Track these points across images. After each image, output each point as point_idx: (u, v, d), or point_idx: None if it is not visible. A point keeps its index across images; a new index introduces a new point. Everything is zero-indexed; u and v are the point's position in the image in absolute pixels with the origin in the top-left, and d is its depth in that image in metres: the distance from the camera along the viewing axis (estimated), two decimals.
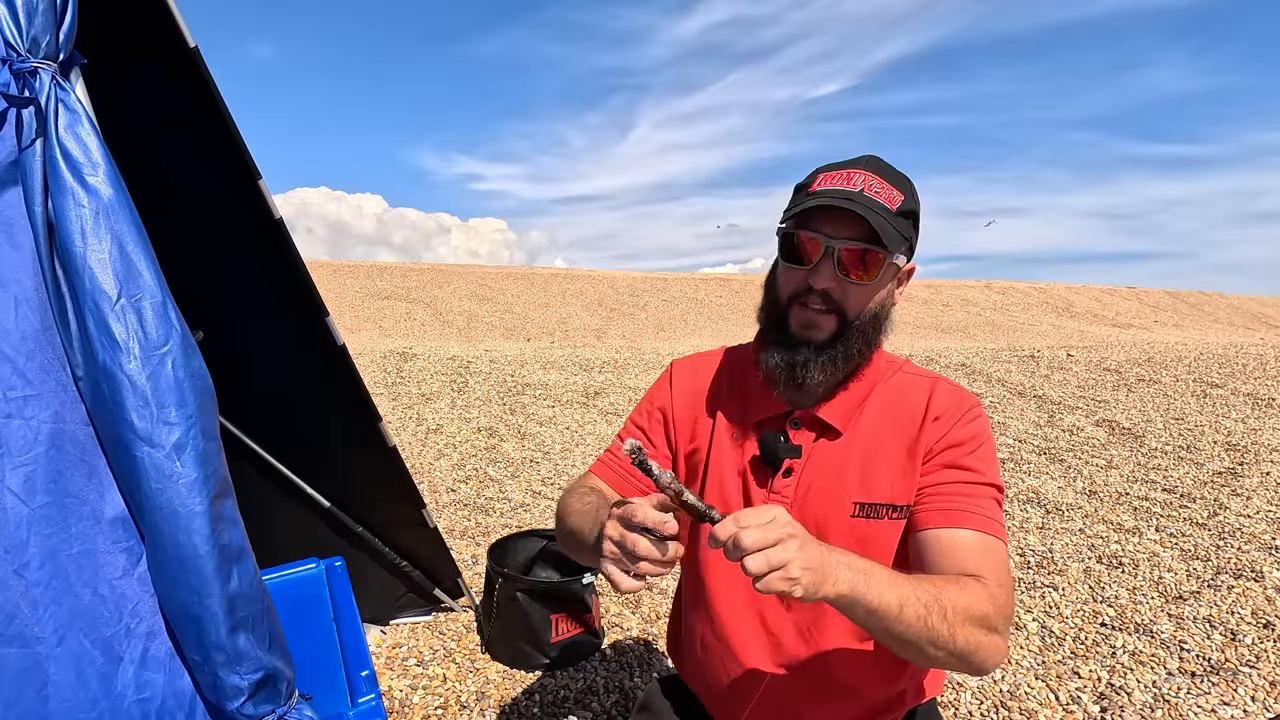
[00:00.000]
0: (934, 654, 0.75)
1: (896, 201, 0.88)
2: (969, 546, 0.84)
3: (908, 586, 0.74)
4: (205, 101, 1.30)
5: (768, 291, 0.98)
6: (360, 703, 1.19)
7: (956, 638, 0.74)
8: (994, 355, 8.57)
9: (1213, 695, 2.02)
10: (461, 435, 4.98)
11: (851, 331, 0.91)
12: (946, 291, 22.66)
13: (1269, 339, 12.78)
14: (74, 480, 0.82)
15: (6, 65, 0.78)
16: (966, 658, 0.76)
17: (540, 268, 21.99)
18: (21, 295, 0.80)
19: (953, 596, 0.76)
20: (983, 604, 0.77)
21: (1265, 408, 5.45)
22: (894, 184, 0.89)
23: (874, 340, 0.94)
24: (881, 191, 0.87)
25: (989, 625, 0.77)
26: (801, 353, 0.90)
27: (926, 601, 0.73)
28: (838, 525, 0.92)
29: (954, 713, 1.99)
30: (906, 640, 0.74)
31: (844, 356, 0.91)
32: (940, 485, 0.90)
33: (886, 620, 0.72)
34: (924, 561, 0.87)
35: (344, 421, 1.92)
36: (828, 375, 0.91)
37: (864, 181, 0.88)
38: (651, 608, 2.56)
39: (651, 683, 1.23)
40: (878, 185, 0.88)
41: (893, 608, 0.72)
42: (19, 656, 0.77)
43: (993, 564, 0.83)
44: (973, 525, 0.85)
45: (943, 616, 0.74)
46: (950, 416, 0.92)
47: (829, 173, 0.91)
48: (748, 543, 0.65)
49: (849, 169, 0.90)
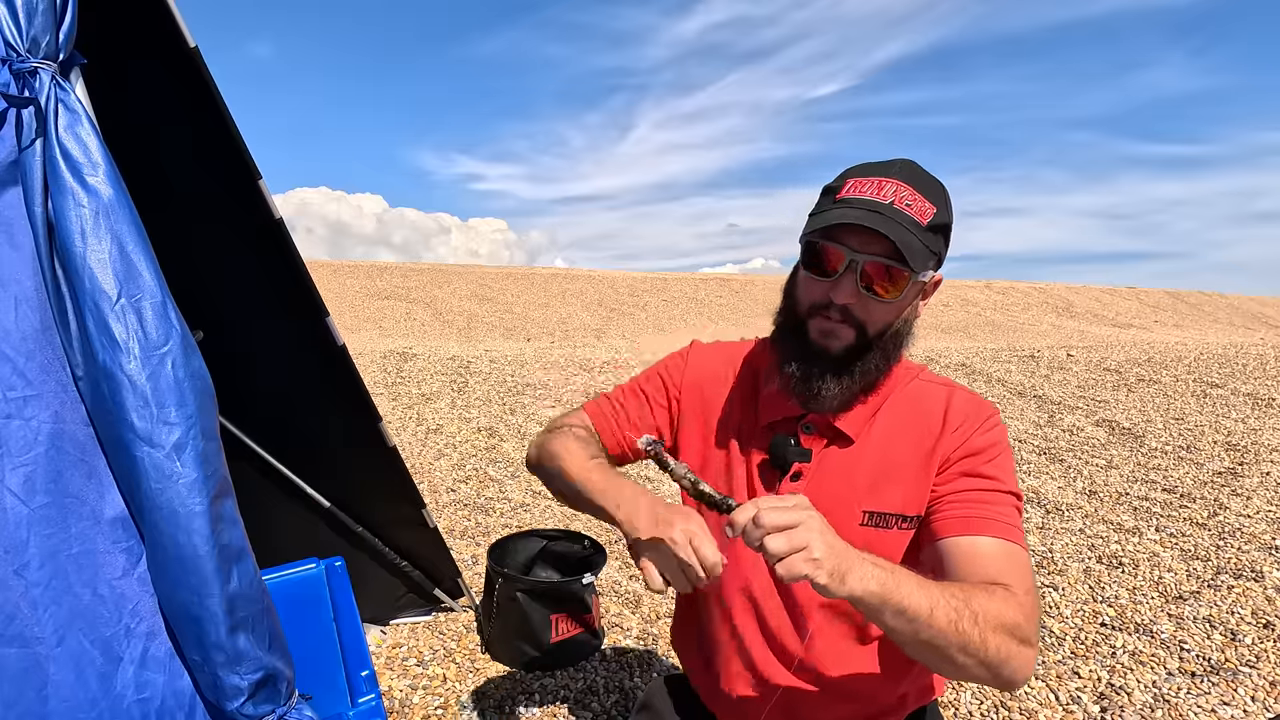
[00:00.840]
0: (964, 662, 0.72)
1: (928, 215, 0.83)
2: (991, 554, 0.82)
3: (936, 590, 0.71)
4: (205, 101, 1.29)
5: (787, 297, 0.95)
6: (360, 703, 1.18)
7: (988, 645, 0.71)
8: (994, 355, 8.57)
9: (1213, 695, 2.02)
10: (461, 435, 4.98)
11: (870, 348, 0.88)
12: (946, 291, 22.65)
13: (1269, 339, 12.78)
14: (74, 480, 0.82)
15: (6, 65, 0.78)
16: (997, 668, 0.73)
17: (540, 268, 21.99)
18: (21, 295, 0.80)
19: (982, 603, 0.73)
20: (1013, 612, 0.74)
21: (1265, 408, 5.45)
22: (926, 194, 0.84)
23: (893, 355, 0.91)
24: (913, 204, 0.82)
25: (1020, 635, 0.74)
26: (818, 364, 0.88)
27: (956, 606, 0.71)
28: (845, 533, 0.91)
29: (954, 713, 1.99)
30: (936, 645, 0.71)
31: (860, 372, 0.89)
32: (959, 493, 0.87)
33: (917, 623, 0.69)
34: (945, 570, 0.84)
35: (344, 421, 1.92)
36: (843, 389, 0.89)
37: (895, 192, 0.83)
38: (651, 608, 2.56)
39: (652, 682, 1.23)
40: (909, 196, 0.83)
41: (924, 610, 0.69)
42: (19, 656, 0.77)
43: (1018, 572, 0.80)
44: (994, 533, 0.83)
45: (974, 622, 0.71)
46: (969, 425, 0.90)
47: (860, 179, 0.86)
48: (768, 521, 0.65)
49: (881, 177, 0.84)
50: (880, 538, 0.91)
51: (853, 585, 0.67)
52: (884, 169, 0.86)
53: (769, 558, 0.65)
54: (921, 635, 0.70)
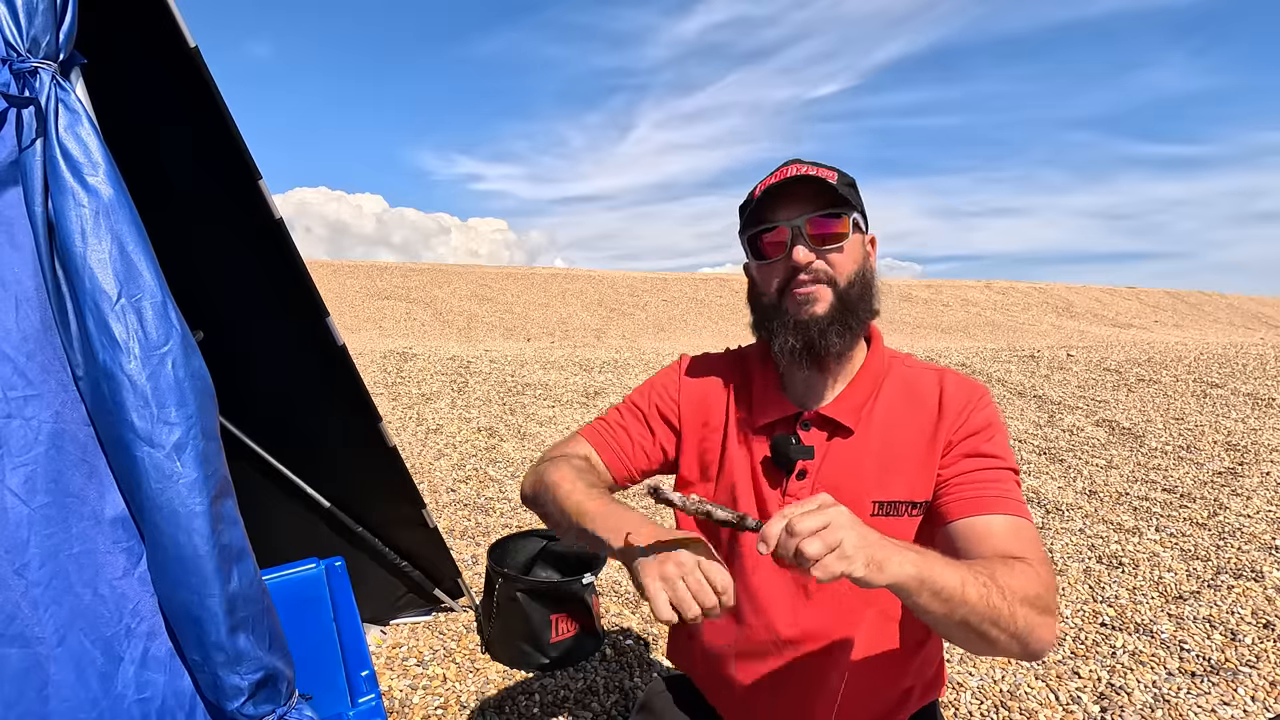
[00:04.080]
0: (996, 635, 0.73)
1: (831, 176, 0.92)
2: (1004, 531, 0.84)
3: (964, 569, 0.73)
4: (205, 101, 1.29)
5: (754, 301, 1.00)
6: (360, 703, 1.18)
7: (1017, 618, 0.73)
8: (994, 355, 8.57)
9: (1213, 695, 2.02)
10: (461, 435, 4.98)
11: (849, 297, 0.93)
12: (946, 291, 22.66)
13: (1269, 339, 12.78)
14: (74, 480, 0.82)
15: (6, 65, 0.78)
16: (1024, 639, 0.75)
17: (540, 268, 21.99)
18: (22, 295, 0.80)
19: (1005, 577, 0.75)
20: (1034, 584, 0.76)
21: (1265, 408, 5.45)
22: (825, 166, 0.94)
23: (872, 302, 0.96)
24: (816, 171, 0.92)
25: (1042, 605, 0.76)
26: (813, 327, 0.92)
27: (984, 581, 0.72)
28: None
29: (954, 713, 1.99)
30: (970, 623, 0.72)
31: (853, 318, 0.93)
32: (964, 475, 0.90)
33: (952, 602, 0.70)
34: (958, 551, 0.85)
35: (344, 421, 1.92)
36: (845, 341, 0.93)
37: (796, 169, 0.93)
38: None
39: (652, 682, 1.23)
40: (809, 169, 0.93)
41: (957, 589, 0.70)
42: (19, 656, 0.77)
43: (1029, 545, 0.83)
44: (1004, 509, 0.85)
45: (1001, 596, 0.73)
46: (965, 406, 0.93)
47: (763, 180, 0.96)
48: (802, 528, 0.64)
49: (779, 169, 0.96)
50: (892, 526, 0.92)
51: (892, 572, 0.67)
52: (779, 166, 0.97)
53: (804, 562, 0.64)
54: (957, 614, 0.71)
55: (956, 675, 2.14)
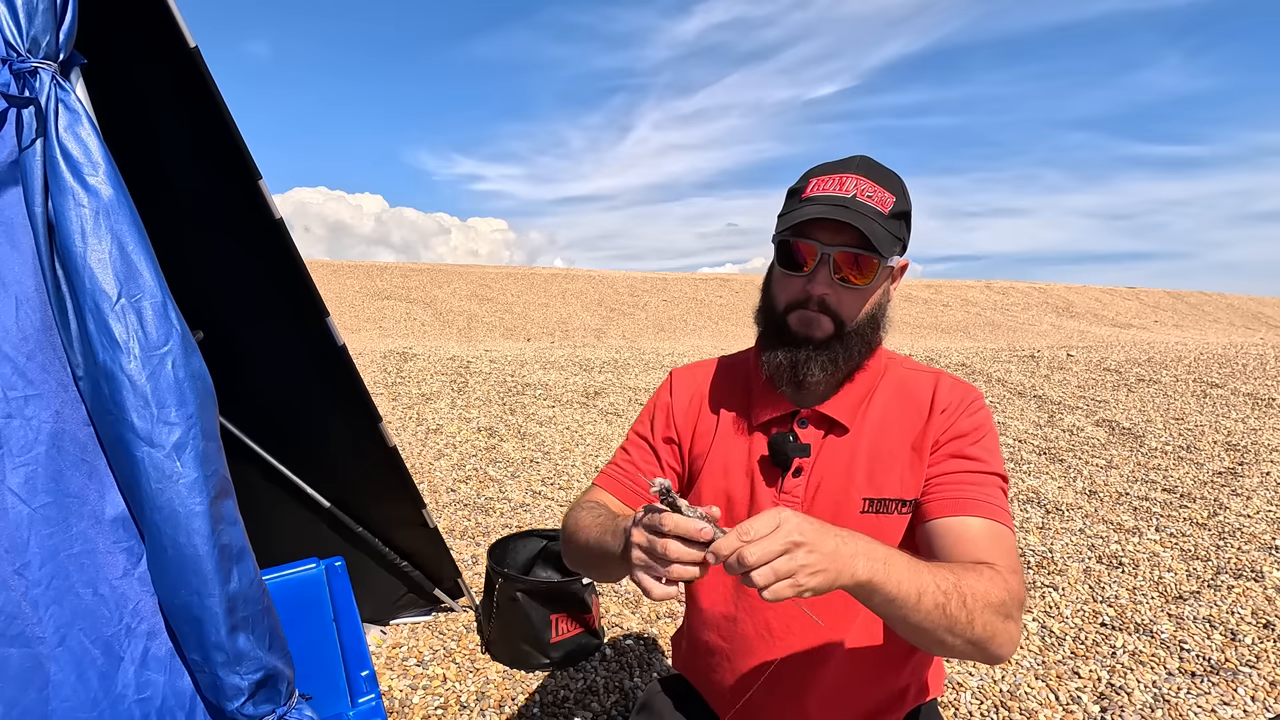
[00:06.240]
0: (951, 642, 0.75)
1: (889, 204, 0.89)
2: (979, 534, 0.85)
3: (927, 574, 0.74)
4: (205, 101, 1.30)
5: (765, 296, 1.00)
6: (360, 703, 1.18)
7: (975, 624, 0.74)
8: (994, 355, 8.57)
9: (1213, 695, 2.02)
10: (461, 435, 4.98)
11: (849, 334, 0.93)
12: (946, 291, 22.66)
13: (1269, 339, 12.78)
14: (74, 480, 0.82)
15: (6, 65, 0.78)
16: (984, 645, 0.76)
17: (540, 268, 21.98)
18: (22, 295, 0.80)
19: (971, 583, 0.76)
20: (999, 591, 0.77)
21: (1265, 408, 5.45)
22: (885, 185, 0.90)
23: (872, 340, 0.96)
24: (874, 195, 0.89)
25: (1005, 612, 0.77)
26: (804, 350, 0.92)
27: (946, 589, 0.73)
28: (847, 522, 0.92)
29: (954, 713, 1.99)
30: (923, 628, 0.74)
31: (844, 356, 0.93)
32: (947, 475, 0.91)
33: (905, 609, 0.72)
34: (934, 550, 0.87)
35: (344, 421, 1.92)
36: (828, 374, 0.93)
37: (856, 186, 0.89)
38: (651, 608, 2.56)
39: (651, 682, 1.23)
40: (869, 188, 0.89)
41: (911, 596, 0.71)
42: (20, 656, 0.77)
43: (1003, 551, 0.84)
44: (981, 513, 0.86)
45: (962, 604, 0.74)
46: (955, 409, 0.94)
47: (821, 177, 0.92)
48: (751, 560, 0.64)
49: (841, 173, 0.91)
50: (880, 524, 0.93)
51: (843, 581, 0.68)
52: (843, 166, 0.92)
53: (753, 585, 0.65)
54: (910, 619, 0.73)
55: (956, 675, 2.14)
